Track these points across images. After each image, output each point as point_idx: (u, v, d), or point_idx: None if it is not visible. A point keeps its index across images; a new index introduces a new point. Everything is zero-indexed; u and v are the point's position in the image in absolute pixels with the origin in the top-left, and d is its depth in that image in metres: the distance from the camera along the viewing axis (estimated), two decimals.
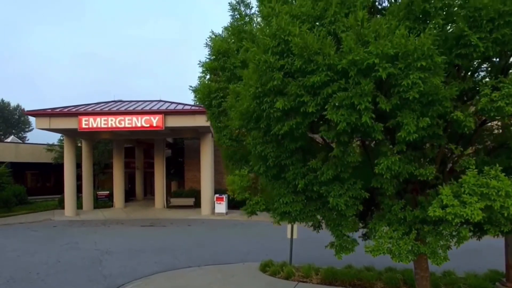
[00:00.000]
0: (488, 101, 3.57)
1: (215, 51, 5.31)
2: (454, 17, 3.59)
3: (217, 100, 5.51)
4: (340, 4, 3.49)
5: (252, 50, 3.66)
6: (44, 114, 22.84)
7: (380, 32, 3.21)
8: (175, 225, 22.69)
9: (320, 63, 3.25)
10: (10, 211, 25.85)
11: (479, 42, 3.46)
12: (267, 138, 4.01)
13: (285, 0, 4.00)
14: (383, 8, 4.34)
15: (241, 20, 5.68)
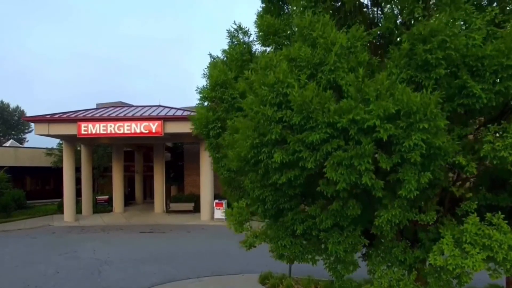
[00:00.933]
0: (490, 149, 3.50)
1: (213, 82, 5.25)
2: (456, 67, 3.51)
3: (215, 131, 5.44)
4: (339, 53, 3.41)
5: (249, 99, 3.60)
6: (43, 120, 22.75)
7: (381, 91, 3.14)
8: (174, 231, 22.63)
9: (320, 121, 3.19)
10: (9, 216, 25.79)
11: (482, 93, 3.39)
12: (265, 183, 3.96)
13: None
14: (382, 45, 4.27)
15: (239, 48, 5.61)
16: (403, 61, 3.53)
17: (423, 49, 3.35)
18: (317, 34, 3.60)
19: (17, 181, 30.79)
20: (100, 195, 29.60)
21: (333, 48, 3.43)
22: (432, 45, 3.31)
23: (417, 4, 3.82)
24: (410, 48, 3.51)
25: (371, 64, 3.92)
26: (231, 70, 5.80)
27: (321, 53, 3.47)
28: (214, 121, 5.43)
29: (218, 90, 5.26)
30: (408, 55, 3.54)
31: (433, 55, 3.33)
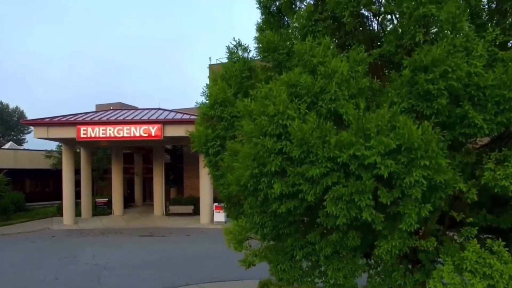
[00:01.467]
0: (492, 177, 3.48)
1: (212, 100, 5.22)
2: (458, 96, 3.48)
3: (214, 149, 5.42)
4: (340, 81, 3.38)
5: (249, 127, 3.57)
6: (42, 124, 22.71)
7: (382, 126, 3.11)
8: (174, 235, 22.61)
9: (320, 156, 3.16)
10: (8, 219, 25.75)
11: (484, 123, 3.37)
12: (264, 209, 3.93)
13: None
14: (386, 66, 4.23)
15: (238, 65, 5.58)
16: (404, 90, 3.50)
17: (425, 79, 3.33)
18: (318, 61, 3.57)
19: (16, 183, 30.76)
20: (100, 198, 29.57)
21: (334, 76, 3.40)
22: (434, 75, 3.28)
23: (418, 29, 3.79)
24: (412, 76, 3.48)
25: (372, 88, 3.90)
26: (230, 86, 5.77)
27: (321, 82, 3.44)
28: (213, 139, 5.41)
29: (217, 108, 5.23)
30: (410, 83, 3.52)
31: (435, 85, 3.30)
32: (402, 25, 3.96)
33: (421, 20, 3.79)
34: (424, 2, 3.73)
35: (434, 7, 3.68)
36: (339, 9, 4.42)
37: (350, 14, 4.32)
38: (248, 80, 5.63)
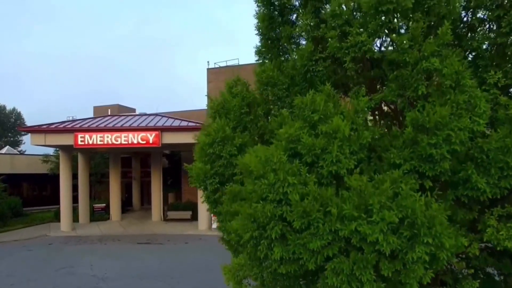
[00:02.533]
0: (494, 235, 3.44)
1: (211, 139, 5.15)
2: (461, 159, 3.43)
3: (213, 186, 5.36)
4: (342, 144, 3.32)
5: (248, 188, 3.51)
6: (40, 131, 22.58)
7: (385, 202, 3.05)
8: (172, 242, 22.56)
9: (321, 229, 3.10)
10: (5, 225, 25.62)
11: (487, 187, 3.32)
12: (263, 264, 3.86)
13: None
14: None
15: (237, 101, 5.52)
16: (406, 152, 3.44)
17: (428, 142, 3.28)
18: (319, 118, 3.51)
19: (13, 188, 30.62)
20: (97, 203, 29.47)
21: (336, 136, 3.34)
22: (437, 139, 3.23)
23: (421, 81, 3.74)
24: (414, 135, 3.42)
25: (374, 139, 3.84)
26: (229, 119, 5.71)
27: (323, 142, 3.37)
28: (212, 176, 5.35)
29: (216, 147, 5.17)
30: (412, 141, 3.46)
31: (438, 150, 3.25)
32: (404, 76, 3.90)
33: (424, 73, 3.74)
34: (427, 55, 3.67)
35: (437, 61, 3.62)
36: (340, 53, 4.35)
37: (351, 59, 4.26)
38: (247, 115, 5.56)
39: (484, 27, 4.83)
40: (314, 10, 5.07)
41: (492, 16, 4.65)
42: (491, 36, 4.71)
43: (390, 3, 3.96)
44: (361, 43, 4.12)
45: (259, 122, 5.59)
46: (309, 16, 4.93)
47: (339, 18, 4.36)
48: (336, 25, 4.37)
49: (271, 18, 5.66)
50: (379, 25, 4.11)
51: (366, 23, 4.27)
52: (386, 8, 3.99)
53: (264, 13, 5.63)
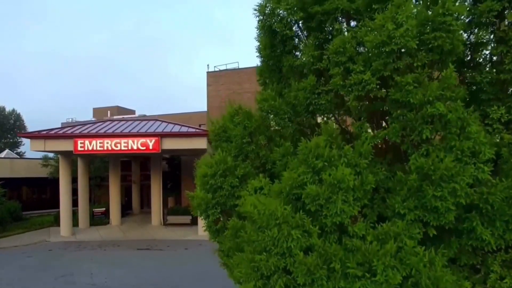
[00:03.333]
0: (498, 283, 3.42)
1: (213, 172, 5.13)
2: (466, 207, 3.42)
3: (215, 216, 5.34)
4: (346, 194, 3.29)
5: (249, 234, 3.48)
6: (39, 137, 22.51)
7: (389, 263, 3.03)
8: (172, 248, 22.54)
9: (325, 286, 3.08)
10: (5, 230, 25.57)
11: (491, 239, 3.31)
12: None
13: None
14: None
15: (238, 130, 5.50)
16: (411, 202, 3.42)
17: (433, 194, 3.26)
18: (323, 165, 3.49)
19: (13, 192, 30.58)
20: (97, 207, 29.44)
21: (341, 186, 3.32)
22: (443, 192, 3.21)
23: (425, 125, 3.72)
24: (420, 183, 3.40)
25: (377, 179, 3.82)
26: (231, 147, 5.70)
27: (327, 192, 3.35)
28: (213, 206, 5.33)
29: (218, 179, 5.15)
30: (417, 188, 3.44)
31: (443, 203, 3.23)
32: (408, 118, 3.88)
33: (428, 117, 3.71)
34: (431, 100, 3.65)
35: (442, 106, 3.60)
36: (344, 91, 4.33)
37: (355, 97, 4.24)
38: (249, 145, 5.54)
39: (487, 63, 4.80)
40: (317, 42, 5.04)
41: (495, 52, 4.63)
42: (494, 71, 4.69)
43: (394, 44, 3.93)
44: (364, 82, 4.10)
45: (261, 152, 5.57)
46: (311, 49, 4.90)
47: (342, 55, 4.33)
48: (340, 61, 4.35)
49: (273, 46, 5.62)
50: (383, 64, 4.09)
51: (370, 60, 4.25)
52: (390, 49, 3.96)
53: (265, 40, 5.59)
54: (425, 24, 4.10)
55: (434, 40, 4.02)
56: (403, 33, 3.87)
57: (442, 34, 3.98)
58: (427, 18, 4.09)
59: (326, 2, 4.78)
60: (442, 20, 3.91)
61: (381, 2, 4.55)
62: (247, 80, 31.00)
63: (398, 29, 3.91)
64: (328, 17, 4.82)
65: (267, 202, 3.50)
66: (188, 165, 29.82)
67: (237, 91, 31.39)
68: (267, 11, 5.10)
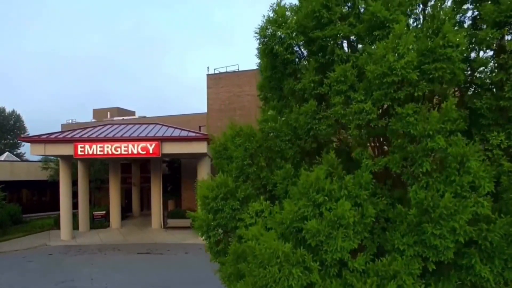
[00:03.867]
0: None
1: (214, 195, 5.16)
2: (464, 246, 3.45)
3: (216, 237, 5.37)
4: (346, 229, 3.32)
5: (251, 268, 3.52)
6: (39, 141, 22.53)
7: None
8: (172, 251, 22.58)
9: None
10: (5, 233, 25.60)
11: (490, 276, 3.33)
12: None
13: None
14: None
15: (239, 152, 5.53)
16: (410, 238, 3.45)
17: (432, 232, 3.29)
18: (323, 199, 3.52)
19: (13, 195, 30.61)
20: (97, 210, 29.46)
21: (341, 222, 3.35)
22: (442, 231, 3.24)
23: (425, 158, 3.74)
24: (419, 218, 3.43)
25: (377, 210, 3.85)
26: (231, 168, 5.73)
27: (327, 229, 3.38)
28: (214, 228, 5.36)
29: (219, 202, 5.18)
30: (417, 223, 3.46)
31: (443, 241, 3.26)
32: (409, 150, 3.90)
33: (429, 151, 3.73)
34: (432, 134, 3.67)
35: (442, 140, 3.63)
36: (345, 120, 4.35)
37: (356, 126, 4.26)
38: (250, 166, 5.56)
39: (487, 87, 4.81)
40: (318, 66, 5.05)
41: (495, 78, 4.65)
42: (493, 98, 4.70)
43: (395, 75, 3.95)
44: (365, 112, 4.12)
45: (261, 173, 5.59)
46: (312, 73, 4.92)
47: (343, 84, 4.35)
48: (341, 90, 4.37)
49: (274, 67, 5.64)
50: (384, 94, 4.11)
51: (371, 88, 4.27)
52: (391, 80, 3.98)
53: (266, 62, 5.61)
54: (426, 54, 4.12)
55: (435, 71, 4.04)
56: (404, 65, 3.89)
57: (443, 65, 4.00)
58: (428, 48, 4.11)
59: (327, 28, 4.79)
60: (443, 51, 3.93)
61: (382, 28, 4.57)
62: (247, 83, 31.01)
63: (399, 61, 3.93)
64: (329, 41, 4.83)
65: (268, 238, 3.52)
66: (188, 168, 29.86)
67: (237, 93, 31.44)
68: (268, 34, 5.11)
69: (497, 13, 4.43)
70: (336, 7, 4.77)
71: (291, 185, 5.25)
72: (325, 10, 4.74)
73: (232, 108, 31.12)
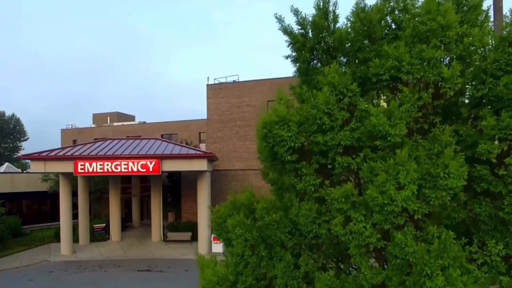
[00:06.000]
0: None
1: (215, 282, 5.22)
2: None
3: None
4: None
5: None
6: (39, 159, 22.57)
7: None
8: (172, 269, 22.70)
9: None
10: (5, 248, 25.69)
11: None
12: None
13: None
14: None
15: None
16: None
17: None
18: None
19: (13, 206, 30.71)
20: (97, 222, 29.55)
21: None
22: None
23: None
24: None
25: None
26: (232, 253, 5.79)
27: None
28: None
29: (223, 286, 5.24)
30: None
31: None
32: (407, 284, 3.94)
33: None
34: (430, 273, 3.70)
35: (440, 280, 3.66)
36: (345, 238, 4.38)
37: (354, 246, 4.28)
38: (250, 257, 5.61)
39: (486, 196, 4.83)
40: (319, 167, 5.07)
41: (494, 190, 4.66)
42: (493, 206, 4.73)
43: (395, 206, 3.98)
44: (365, 236, 4.15)
45: (262, 262, 5.63)
46: (312, 177, 4.94)
47: (344, 204, 4.38)
48: (341, 209, 4.39)
49: (275, 159, 5.65)
50: (384, 220, 4.14)
51: (371, 210, 4.29)
52: (391, 209, 4.01)
53: (266, 153, 5.62)
54: (426, 179, 4.14)
55: (435, 199, 4.06)
56: (405, 198, 3.92)
57: (442, 193, 4.03)
58: (428, 174, 4.13)
59: (329, 134, 4.80)
60: (444, 183, 3.96)
61: (383, 138, 4.57)
62: (246, 94, 30.98)
63: (399, 193, 3.95)
64: (330, 148, 4.84)
65: None
66: (189, 179, 29.86)
67: (237, 104, 31.39)
68: (269, 134, 5.11)
69: (497, 130, 4.45)
70: (338, 113, 4.78)
71: (291, 280, 5.32)
72: (327, 117, 4.75)
73: (232, 118, 31.12)
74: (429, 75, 4.89)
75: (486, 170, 4.66)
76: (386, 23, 6.21)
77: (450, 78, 4.83)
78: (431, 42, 5.01)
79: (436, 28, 4.97)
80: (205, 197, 25.55)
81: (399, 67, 5.04)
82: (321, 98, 4.72)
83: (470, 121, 5.11)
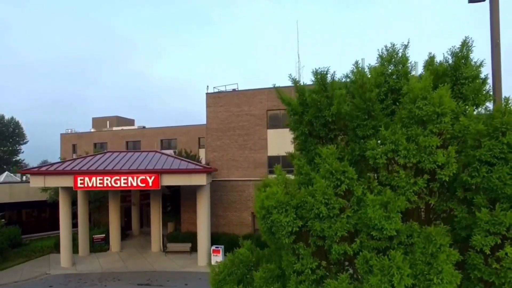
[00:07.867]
0: None
1: None
2: None
3: None
4: None
5: None
6: (39, 173, 22.63)
7: None
8: (171, 282, 22.85)
9: None
10: (4, 260, 25.78)
11: None
12: None
13: None
14: None
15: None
16: None
17: None
18: None
19: (12, 216, 30.79)
20: (97, 233, 29.66)
21: None
22: None
23: None
24: None
25: None
26: None
27: None
28: None
29: None
30: None
31: None
32: None
33: None
34: None
35: None
36: None
37: None
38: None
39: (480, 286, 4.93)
40: (316, 249, 5.17)
41: (488, 278, 4.76)
42: None
43: None
44: None
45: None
46: (309, 260, 5.05)
47: None
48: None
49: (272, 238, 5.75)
50: None
51: None
52: None
53: (264, 227, 5.72)
54: (420, 279, 4.25)
55: None
56: None
57: None
58: (422, 274, 4.23)
59: (326, 222, 4.89)
60: None
61: (379, 231, 4.66)
62: (245, 103, 31.03)
63: None
64: (327, 236, 4.94)
65: None
66: (188, 190, 29.97)
67: (236, 113, 31.45)
68: (267, 217, 5.20)
69: (491, 225, 4.54)
70: (335, 202, 4.86)
71: None
72: (324, 206, 4.84)
73: (231, 127, 31.22)
74: (425, 162, 4.97)
75: (479, 259, 4.76)
76: (385, 89, 6.17)
77: (446, 164, 4.92)
78: (427, 127, 5.08)
79: (432, 114, 5.04)
80: (204, 209, 25.68)
81: (396, 150, 5.12)
82: (319, 188, 4.81)
83: (465, 206, 5.19)
